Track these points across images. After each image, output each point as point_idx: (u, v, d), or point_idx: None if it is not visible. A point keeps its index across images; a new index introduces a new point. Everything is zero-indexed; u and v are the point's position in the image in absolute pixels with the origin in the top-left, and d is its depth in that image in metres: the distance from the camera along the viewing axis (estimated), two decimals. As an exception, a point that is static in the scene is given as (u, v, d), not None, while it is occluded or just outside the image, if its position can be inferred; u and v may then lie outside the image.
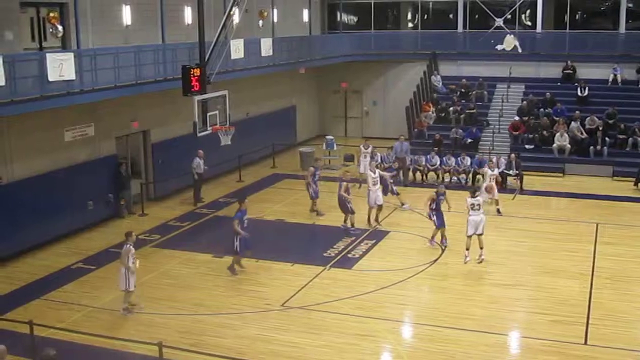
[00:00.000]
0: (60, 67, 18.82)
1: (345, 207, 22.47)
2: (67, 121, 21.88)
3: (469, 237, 19.12)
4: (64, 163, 21.94)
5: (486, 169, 25.89)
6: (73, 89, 19.66)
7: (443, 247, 20.72)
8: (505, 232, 22.53)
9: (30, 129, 20.46)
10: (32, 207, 20.65)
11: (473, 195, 19.44)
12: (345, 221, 22.58)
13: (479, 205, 19.22)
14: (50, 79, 18.63)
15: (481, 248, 19.00)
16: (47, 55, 18.87)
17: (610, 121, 31.71)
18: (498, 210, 24.12)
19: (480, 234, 19.08)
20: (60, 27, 20.73)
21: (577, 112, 32.04)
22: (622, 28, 35.60)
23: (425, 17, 40.59)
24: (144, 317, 16.28)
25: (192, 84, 20.35)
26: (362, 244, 21.33)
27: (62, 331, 15.02)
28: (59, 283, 18.50)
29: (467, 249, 19.07)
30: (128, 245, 16.39)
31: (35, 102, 18.54)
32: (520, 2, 36.34)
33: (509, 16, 36.70)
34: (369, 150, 28.59)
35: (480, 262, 18.97)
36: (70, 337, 14.83)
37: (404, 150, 29.23)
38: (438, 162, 29.22)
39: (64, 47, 21.69)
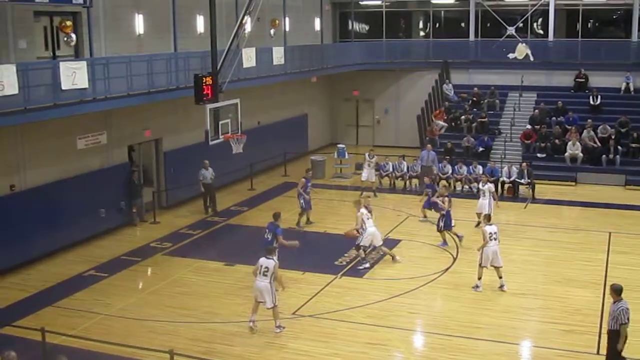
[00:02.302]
0: (73, 75, 18.91)
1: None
2: (80, 129, 21.98)
3: (484, 267, 18.27)
4: (77, 171, 22.03)
5: (480, 185, 24.20)
6: (86, 97, 19.75)
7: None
8: (518, 241, 22.43)
9: (43, 137, 20.56)
10: (45, 215, 20.73)
11: (489, 222, 18.63)
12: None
13: (496, 233, 18.24)
14: (64, 87, 18.73)
15: (500, 277, 18.31)
16: (60, 63, 18.97)
17: (623, 130, 31.60)
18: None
19: (500, 266, 18.24)
20: (73, 36, 20.85)
21: (589, 120, 31.95)
22: (635, 37, 35.43)
23: (437, 25, 40.65)
24: (155, 325, 16.30)
25: (204, 92, 20.41)
26: (373, 252, 21.28)
27: (74, 338, 15.08)
28: (70, 290, 18.55)
29: (480, 279, 18.27)
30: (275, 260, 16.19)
31: (48, 110, 18.63)
32: (532, 10, 36.40)
33: (521, 25, 36.88)
34: (373, 160, 28.52)
35: (502, 288, 18.22)
36: (82, 344, 14.87)
37: (430, 159, 29.19)
38: (450, 171, 29.18)
39: (77, 55, 21.81)
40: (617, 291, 13.08)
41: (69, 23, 20.66)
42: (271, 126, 32.97)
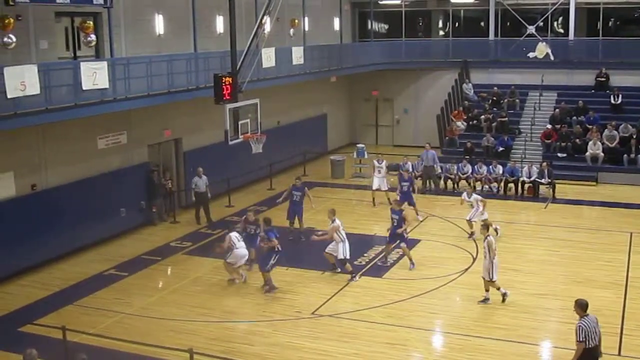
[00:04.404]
0: (94, 75, 19.04)
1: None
2: (101, 129, 22.12)
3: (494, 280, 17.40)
4: (97, 171, 22.17)
5: (465, 196, 23.26)
6: (106, 98, 19.87)
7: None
8: (538, 241, 22.35)
9: (64, 136, 20.72)
10: (66, 214, 20.89)
11: (489, 232, 17.44)
12: None
13: None
14: (84, 87, 18.86)
15: (487, 290, 17.65)
16: (81, 64, 19.11)
17: (644, 129, 31.39)
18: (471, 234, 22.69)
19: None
20: (92, 37, 20.97)
21: (613, 123, 31.59)
22: (656, 35, 35.19)
23: (457, 25, 40.49)
24: (175, 324, 16.37)
25: (224, 92, 20.45)
26: (392, 252, 21.25)
27: (94, 337, 15.20)
28: (91, 289, 18.69)
29: (499, 288, 17.38)
30: None
31: (69, 110, 18.76)
32: (553, 9, 36.18)
33: (541, 24, 36.66)
34: (383, 165, 27.17)
35: (487, 302, 17.54)
36: (102, 342, 14.96)
37: (430, 158, 29.02)
38: (470, 171, 29.07)
39: (98, 56, 21.95)
40: (582, 306, 12.20)
41: (90, 24, 20.79)
42: (291, 126, 33.02)
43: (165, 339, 15.27)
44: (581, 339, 11.92)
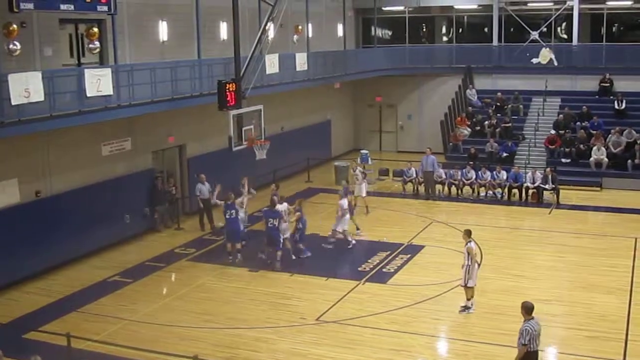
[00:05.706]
0: (98, 82, 19.07)
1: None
2: (105, 136, 22.14)
3: (472, 287, 17.16)
4: (101, 177, 22.19)
5: (342, 201, 22.62)
6: (110, 104, 19.90)
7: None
8: (542, 247, 22.32)
9: (68, 143, 20.73)
10: (70, 221, 20.90)
11: (470, 238, 17.10)
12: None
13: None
14: (88, 94, 18.89)
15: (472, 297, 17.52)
16: (85, 70, 19.15)
17: (649, 134, 31.33)
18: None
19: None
20: (97, 43, 21.01)
21: (617, 127, 31.56)
22: (660, 40, 35.16)
23: (460, 30, 40.54)
24: (179, 331, 16.35)
25: (228, 98, 20.53)
26: (397, 258, 21.25)
27: (99, 343, 15.18)
28: (96, 296, 18.66)
29: (469, 299, 17.32)
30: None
31: (73, 117, 18.80)
32: (556, 15, 36.20)
33: (545, 29, 36.68)
34: (357, 172, 26.90)
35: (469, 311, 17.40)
36: (107, 349, 14.96)
37: (430, 164, 28.95)
38: (473, 176, 29.03)
39: (102, 62, 21.98)
40: (527, 309, 12.12)
41: (94, 30, 20.82)
42: (294, 132, 33.03)
43: (170, 346, 15.24)
44: (525, 342, 11.91)
